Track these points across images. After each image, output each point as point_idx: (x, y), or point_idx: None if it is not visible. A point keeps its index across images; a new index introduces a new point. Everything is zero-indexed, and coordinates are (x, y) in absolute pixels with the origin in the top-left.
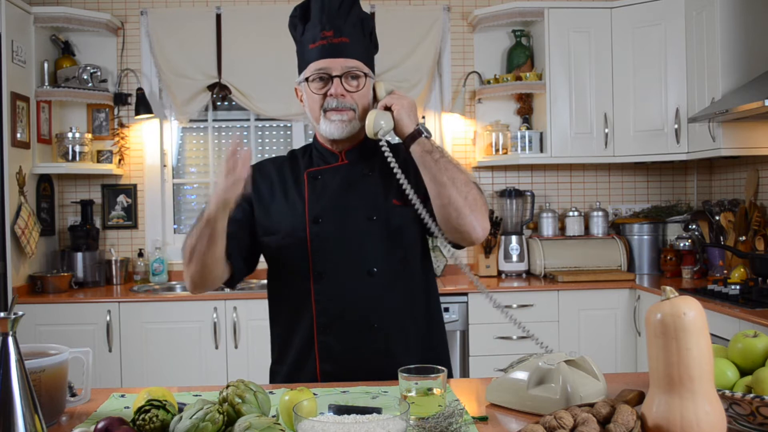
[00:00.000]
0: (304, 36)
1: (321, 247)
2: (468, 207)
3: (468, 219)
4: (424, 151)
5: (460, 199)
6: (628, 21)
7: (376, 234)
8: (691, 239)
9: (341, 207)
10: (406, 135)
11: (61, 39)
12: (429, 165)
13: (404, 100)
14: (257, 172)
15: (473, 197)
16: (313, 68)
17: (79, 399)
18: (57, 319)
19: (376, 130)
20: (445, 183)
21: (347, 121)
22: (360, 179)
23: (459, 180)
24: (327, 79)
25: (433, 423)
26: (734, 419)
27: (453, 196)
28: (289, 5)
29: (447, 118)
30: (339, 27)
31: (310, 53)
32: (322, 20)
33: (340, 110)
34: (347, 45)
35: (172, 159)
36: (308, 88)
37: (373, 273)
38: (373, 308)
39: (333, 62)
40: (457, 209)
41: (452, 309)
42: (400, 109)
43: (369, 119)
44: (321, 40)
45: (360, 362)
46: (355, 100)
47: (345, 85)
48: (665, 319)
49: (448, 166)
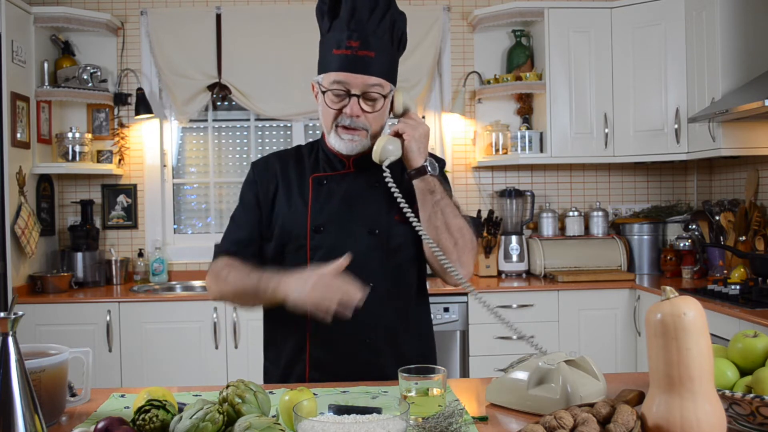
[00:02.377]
0: (329, 34)
1: (320, 257)
2: (456, 252)
3: (452, 266)
4: (426, 189)
5: (449, 245)
6: (628, 21)
7: (376, 248)
8: (691, 239)
9: (344, 218)
10: (411, 168)
11: (61, 39)
12: (427, 205)
13: (417, 130)
14: (261, 170)
15: (463, 243)
16: (332, 79)
17: (79, 399)
18: (57, 319)
19: (383, 158)
20: (438, 227)
21: (358, 141)
22: (365, 190)
23: (453, 226)
24: (344, 94)
25: (433, 423)
26: (734, 419)
27: (442, 241)
28: (289, 5)
29: (447, 118)
30: (366, 38)
31: (332, 59)
32: (350, 25)
33: (352, 130)
34: (372, 60)
35: (172, 159)
36: (324, 98)
37: (370, 287)
38: (366, 323)
39: (354, 78)
40: (444, 252)
41: (452, 309)
42: (410, 140)
43: (378, 145)
44: (345, 49)
45: (348, 373)
46: (369, 121)
47: (362, 104)
48: (665, 319)
49: (445, 210)
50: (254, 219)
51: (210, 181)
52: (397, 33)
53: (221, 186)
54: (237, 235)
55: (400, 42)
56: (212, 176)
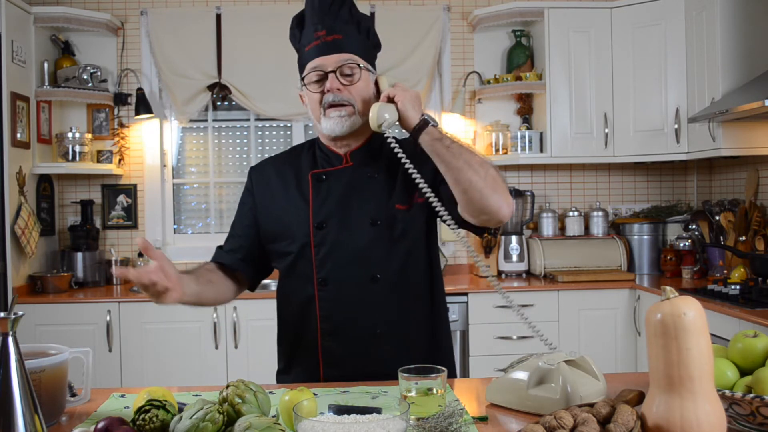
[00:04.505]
0: (301, 41)
1: (325, 253)
2: (490, 187)
3: (492, 198)
4: (433, 139)
5: (480, 180)
6: (628, 21)
7: (380, 239)
8: (691, 239)
9: (345, 212)
10: (412, 126)
11: (61, 39)
12: (441, 152)
13: (408, 92)
14: (257, 176)
15: (492, 176)
16: (309, 68)
17: (79, 399)
18: (57, 319)
19: (379, 122)
20: (461, 167)
21: (346, 116)
22: (365, 182)
23: (474, 162)
24: (323, 76)
25: (433, 423)
26: (734, 419)
27: (473, 179)
28: (289, 5)
29: (447, 118)
30: (330, 25)
31: (307, 55)
32: (314, 21)
33: (338, 106)
34: (340, 41)
35: (172, 159)
36: (307, 89)
37: (376, 279)
38: (377, 314)
39: (327, 59)
40: (479, 190)
41: (452, 309)
42: (403, 100)
43: (372, 112)
44: (315, 41)
45: (364, 368)
46: (352, 93)
47: (340, 79)
48: (665, 319)
49: (461, 151)
50: (248, 226)
51: (210, 181)
52: (364, 28)
53: (221, 186)
54: (229, 243)
55: (369, 35)
56: (212, 176)
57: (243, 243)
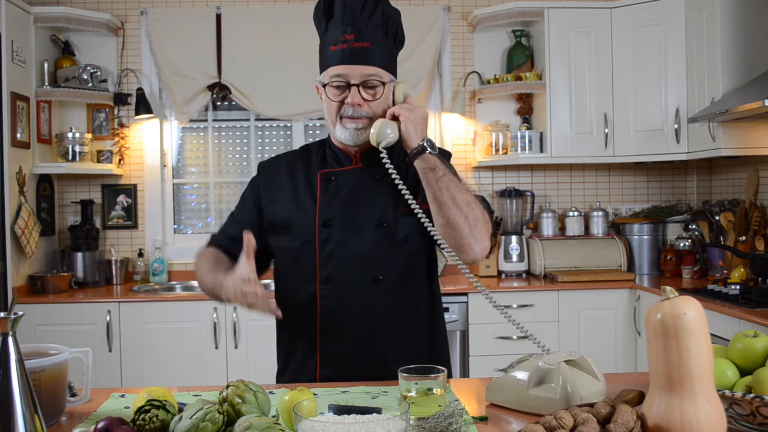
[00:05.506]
0: (326, 34)
1: (329, 251)
2: (468, 227)
3: (467, 240)
4: (427, 167)
5: (461, 220)
6: (628, 21)
7: (384, 241)
8: (691, 239)
9: (352, 212)
10: (410, 149)
11: (61, 39)
12: (431, 183)
13: (414, 113)
14: (265, 171)
15: (474, 218)
16: (331, 73)
17: (79, 399)
18: (57, 319)
19: (380, 140)
20: (445, 203)
21: (362, 129)
22: (372, 184)
23: (460, 200)
24: (344, 86)
25: (433, 423)
26: (734, 419)
27: (453, 217)
28: (289, 5)
29: (447, 118)
30: (360, 30)
31: (331, 56)
32: (344, 21)
33: (355, 119)
34: (368, 50)
35: (172, 159)
36: (326, 93)
37: (379, 280)
38: (377, 316)
39: (351, 69)
40: (456, 229)
41: (452, 309)
42: (407, 121)
43: (375, 128)
44: (341, 44)
45: (360, 368)
46: (371, 108)
47: (362, 93)
48: (665, 319)
49: (450, 185)
50: (251, 216)
51: (210, 181)
52: (392, 28)
53: (221, 186)
54: (230, 229)
55: (396, 36)
56: (212, 176)
57: None
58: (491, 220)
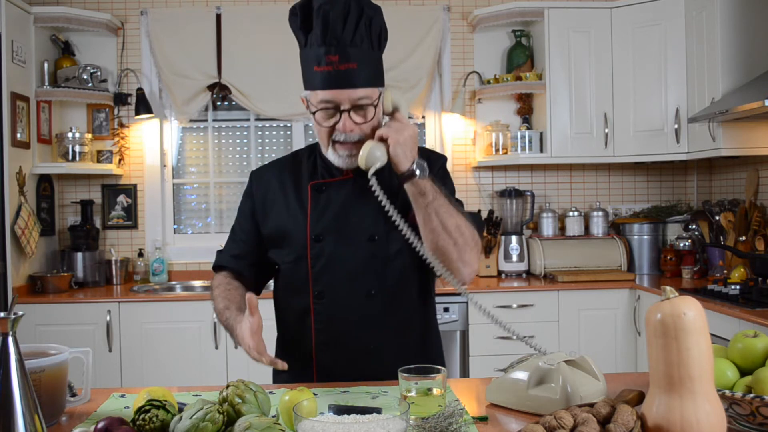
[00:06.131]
0: (307, 48)
1: (321, 266)
2: (456, 252)
3: (455, 264)
4: (417, 192)
5: (449, 245)
6: (628, 21)
7: (376, 255)
8: (691, 239)
9: (344, 225)
10: (399, 172)
11: (61, 39)
12: (420, 207)
13: (402, 134)
14: (257, 181)
15: (464, 241)
16: (319, 98)
17: (79, 399)
18: (57, 319)
19: (368, 165)
20: (434, 229)
21: (355, 155)
22: (364, 196)
23: (450, 225)
24: (333, 111)
25: (433, 423)
26: (734, 419)
27: (441, 243)
28: (289, 5)
29: (447, 118)
30: (345, 49)
31: (315, 76)
32: (326, 40)
33: (347, 145)
34: (354, 72)
35: (172, 159)
36: (314, 118)
37: (371, 295)
38: (371, 329)
39: (340, 94)
40: (444, 254)
41: (452, 309)
42: (395, 144)
43: (363, 152)
44: (326, 66)
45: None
46: (363, 130)
47: (353, 117)
48: (665, 319)
49: (439, 210)
50: (250, 231)
51: (210, 181)
52: (376, 31)
53: (221, 186)
54: (234, 248)
55: (380, 39)
56: (212, 176)
57: (248, 248)
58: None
